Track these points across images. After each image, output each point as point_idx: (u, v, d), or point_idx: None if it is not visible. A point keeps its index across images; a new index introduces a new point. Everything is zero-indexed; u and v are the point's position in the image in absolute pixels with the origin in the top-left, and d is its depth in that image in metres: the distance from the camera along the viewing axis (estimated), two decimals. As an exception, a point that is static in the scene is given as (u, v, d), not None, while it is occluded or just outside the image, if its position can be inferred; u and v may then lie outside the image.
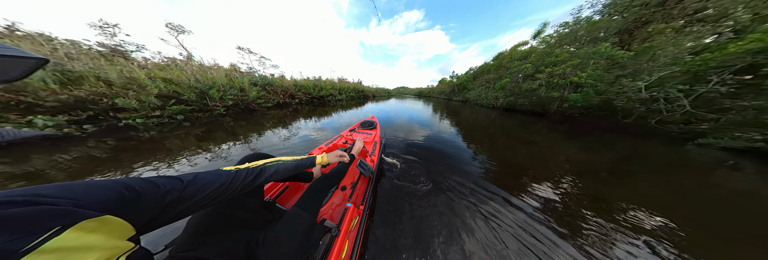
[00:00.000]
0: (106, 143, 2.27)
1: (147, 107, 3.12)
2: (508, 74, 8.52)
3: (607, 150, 2.64)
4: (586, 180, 1.58)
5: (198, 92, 4.00)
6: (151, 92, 3.27)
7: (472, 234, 0.92)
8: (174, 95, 3.63)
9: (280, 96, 6.24)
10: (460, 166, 1.72)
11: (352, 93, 11.48)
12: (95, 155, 1.87)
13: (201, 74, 4.46)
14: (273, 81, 6.46)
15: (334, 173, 0.72)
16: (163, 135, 2.60)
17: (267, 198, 0.80)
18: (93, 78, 2.87)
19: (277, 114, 4.58)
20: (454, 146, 2.39)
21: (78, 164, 1.65)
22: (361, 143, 1.05)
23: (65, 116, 2.43)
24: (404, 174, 1.45)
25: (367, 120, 2.04)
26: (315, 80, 9.24)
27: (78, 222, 0.19)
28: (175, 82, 3.82)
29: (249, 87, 5.18)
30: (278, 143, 2.24)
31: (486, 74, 13.52)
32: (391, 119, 4.31)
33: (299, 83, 7.57)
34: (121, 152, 1.96)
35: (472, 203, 1.15)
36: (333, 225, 0.61)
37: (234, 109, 4.61)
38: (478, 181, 1.43)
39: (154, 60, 4.93)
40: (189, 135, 2.60)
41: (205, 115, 3.95)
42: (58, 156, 1.84)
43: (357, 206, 0.72)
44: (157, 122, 3.20)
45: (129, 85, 3.17)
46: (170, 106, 3.38)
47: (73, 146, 2.11)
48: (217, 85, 4.41)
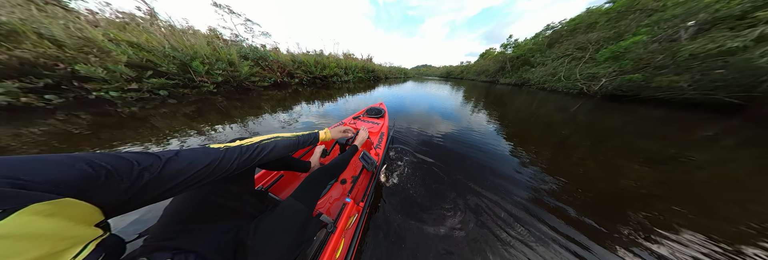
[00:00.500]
0: (80, 117, 1.97)
1: (119, 78, 2.65)
2: (650, 24, 4.34)
3: None
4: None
5: (178, 62, 3.40)
6: (118, 58, 2.73)
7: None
8: (149, 65, 3.07)
9: (276, 74, 5.55)
10: (505, 184, 1.13)
11: (360, 73, 9.81)
12: (70, 130, 1.62)
13: (176, 39, 3.69)
14: (266, 54, 5.60)
15: (336, 164, 0.66)
16: (147, 112, 2.29)
17: (259, 186, 0.74)
18: (33, 35, 2.27)
19: (276, 95, 4.13)
20: (495, 152, 1.60)
21: (54, 140, 1.43)
22: (365, 134, 0.91)
23: (15, 82, 2.02)
24: (413, 183, 1.06)
25: (374, 107, 1.77)
26: (316, 55, 7.91)
27: (26, 205, 0.16)
28: (146, 48, 3.17)
29: (239, 61, 4.48)
30: (278, 129, 2.02)
31: (582, 34, 7.89)
32: (406, 108, 3.44)
33: (298, 59, 6.60)
34: (101, 128, 1.71)
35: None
36: (329, 221, 0.57)
37: (225, 86, 4.10)
38: (542, 215, 0.88)
39: (105, 15, 3.93)
40: (177, 114, 2.30)
41: (192, 92, 3.49)
42: (24, 129, 1.58)
43: (357, 202, 0.67)
44: (136, 96, 2.80)
45: (86, 48, 2.59)
46: (147, 78, 2.90)
47: (39, 119, 1.82)
48: (200, 55, 3.76)
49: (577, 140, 2.04)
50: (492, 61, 17.01)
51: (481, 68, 20.85)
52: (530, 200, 1.02)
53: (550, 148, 1.77)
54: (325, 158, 1.04)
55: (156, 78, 2.97)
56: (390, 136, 1.48)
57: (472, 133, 2.12)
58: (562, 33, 9.74)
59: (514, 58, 12.85)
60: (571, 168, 1.39)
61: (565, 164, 1.45)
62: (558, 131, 2.33)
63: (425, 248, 0.72)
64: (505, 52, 15.60)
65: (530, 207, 0.96)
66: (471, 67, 30.23)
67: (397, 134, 1.87)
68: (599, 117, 3.23)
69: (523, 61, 11.71)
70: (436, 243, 0.74)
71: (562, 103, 4.47)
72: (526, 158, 1.52)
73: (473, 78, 22.87)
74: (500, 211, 0.92)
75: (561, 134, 2.21)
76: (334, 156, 1.14)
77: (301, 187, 0.52)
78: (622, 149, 1.84)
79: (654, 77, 3.94)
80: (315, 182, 0.55)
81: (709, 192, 1.23)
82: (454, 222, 0.84)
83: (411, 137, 1.85)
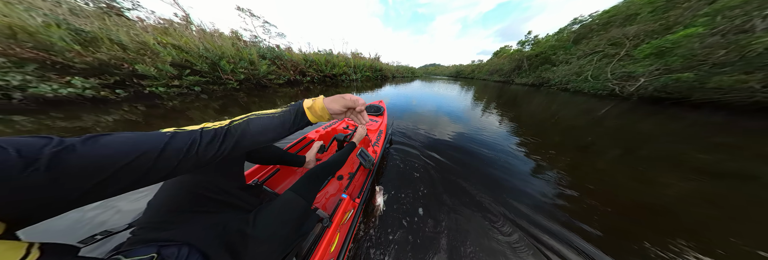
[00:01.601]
0: (138, 108, 2.44)
1: (165, 76, 3.16)
2: (711, 13, 3.58)
3: None
4: None
5: (209, 62, 3.89)
6: (165, 59, 3.23)
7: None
8: (187, 64, 3.58)
9: (290, 72, 5.95)
10: (515, 192, 1.07)
11: (368, 72, 10.00)
12: (130, 118, 2.04)
13: (207, 41, 4.20)
14: (282, 54, 6.02)
15: (335, 160, 0.67)
16: (185, 106, 2.72)
17: (254, 180, 0.74)
18: (107, 40, 2.83)
19: (289, 92, 4.48)
20: (505, 158, 1.47)
21: (120, 127, 1.83)
22: (363, 130, 0.94)
23: (96, 79, 2.57)
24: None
25: (374, 104, 1.78)
26: (326, 54, 8.31)
27: None
28: (185, 49, 3.68)
29: (258, 60, 4.92)
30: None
31: (618, 27, 7.00)
32: (412, 108, 3.35)
33: (309, 58, 6.97)
34: (152, 118, 2.11)
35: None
36: (325, 215, 0.58)
37: (246, 84, 4.56)
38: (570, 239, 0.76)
39: (149, 21, 4.60)
40: (207, 108, 2.69)
41: (219, 88, 3.98)
42: (102, 117, 2.04)
43: (353, 198, 0.68)
44: (177, 92, 3.31)
45: (142, 50, 3.12)
46: (186, 76, 3.40)
47: (112, 109, 2.31)
48: (226, 56, 4.22)
49: (604, 148, 1.80)
50: (507, 60, 15.76)
51: (495, 67, 19.48)
52: (539, 210, 0.92)
53: (570, 155, 1.59)
54: (324, 154, 1.05)
55: (192, 76, 3.46)
56: (389, 134, 1.46)
57: (481, 136, 1.98)
58: (593, 27, 8.54)
59: (533, 56, 11.74)
60: (593, 179, 1.22)
61: (586, 174, 1.27)
62: (581, 137, 2.09)
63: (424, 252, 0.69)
64: (522, 50, 14.30)
65: (538, 219, 0.87)
66: (483, 66, 28.52)
67: (401, 135, 1.83)
68: (633, 122, 2.87)
69: (542, 59, 10.54)
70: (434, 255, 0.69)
71: (587, 105, 4.13)
72: (540, 166, 1.37)
73: (485, 78, 21.58)
74: (505, 222, 0.85)
75: (584, 140, 1.98)
76: (331, 152, 1.15)
77: (300, 182, 0.52)
78: (662, 160, 1.57)
79: (712, 77, 3.30)
80: (314, 177, 0.56)
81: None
82: (455, 232, 0.78)
83: (416, 138, 1.78)
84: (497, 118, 2.79)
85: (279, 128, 0.33)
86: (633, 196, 1.09)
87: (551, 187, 1.14)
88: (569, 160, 1.51)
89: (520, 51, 14.35)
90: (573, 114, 3.27)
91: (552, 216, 0.91)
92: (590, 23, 9.05)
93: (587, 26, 9.05)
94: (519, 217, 0.89)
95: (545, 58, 10.42)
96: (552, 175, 1.27)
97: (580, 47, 8.15)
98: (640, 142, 2.05)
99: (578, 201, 1.02)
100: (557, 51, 9.64)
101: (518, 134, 2.11)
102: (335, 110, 0.36)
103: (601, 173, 1.34)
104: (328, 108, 0.35)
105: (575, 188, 1.11)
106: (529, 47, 13.54)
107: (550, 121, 2.77)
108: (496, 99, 4.87)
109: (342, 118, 0.39)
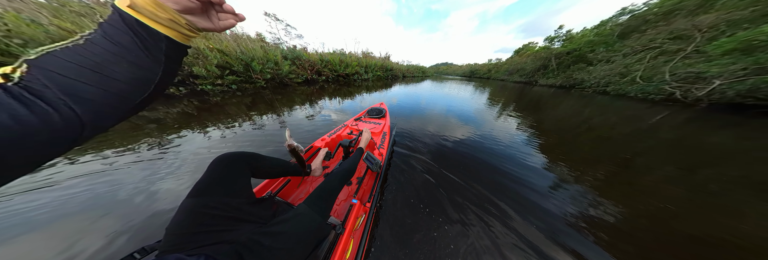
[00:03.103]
0: (193, 103, 3.07)
1: (211, 76, 3.84)
2: None
3: None
4: None
5: (243, 63, 4.52)
6: (212, 62, 3.90)
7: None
8: (227, 65, 4.24)
9: (307, 72, 6.45)
10: (530, 207, 0.95)
11: (378, 72, 10.30)
12: (188, 112, 2.60)
13: (242, 45, 4.87)
14: (300, 54, 6.54)
15: (349, 169, 0.66)
16: (225, 101, 3.28)
17: (268, 192, 0.74)
18: None
19: (306, 91, 4.91)
20: (522, 167, 1.34)
21: (182, 117, 2.36)
22: (368, 134, 0.94)
23: (166, 79, 3.32)
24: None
25: (375, 107, 1.82)
26: (340, 54, 8.77)
27: None
28: (226, 53, 4.35)
29: (281, 61, 5.47)
30: (303, 120, 2.52)
31: (684, 17, 5.64)
32: (422, 109, 3.32)
33: (325, 58, 7.39)
34: (202, 110, 2.64)
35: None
36: (338, 222, 0.58)
37: (271, 82, 5.17)
38: None
39: None
40: (241, 103, 3.20)
41: (250, 86, 4.62)
42: (170, 109, 2.65)
43: (363, 203, 0.68)
44: (220, 89, 4.00)
45: (196, 54, 3.83)
46: (226, 76, 4.05)
47: (176, 103, 2.96)
48: (256, 57, 4.83)
49: (654, 164, 1.48)
50: (530, 59, 13.85)
51: (515, 66, 17.44)
52: (557, 233, 0.78)
53: (605, 170, 1.35)
54: (329, 162, 1.03)
55: (231, 76, 4.11)
56: (393, 135, 1.47)
57: (495, 142, 1.82)
58: (648, 18, 6.84)
59: (564, 54, 10.10)
60: (637, 202, 1.00)
61: (629, 195, 1.06)
62: (622, 149, 1.76)
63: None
64: (550, 47, 12.56)
65: (555, 243, 0.74)
66: (501, 65, 25.82)
67: (407, 137, 1.81)
68: (700, 134, 2.36)
69: (575, 57, 9.00)
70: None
71: (632, 112, 3.49)
72: (564, 179, 1.20)
73: (503, 78, 19.38)
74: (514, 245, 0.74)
75: (626, 153, 1.67)
76: (337, 159, 1.14)
77: (316, 195, 0.51)
78: (742, 184, 1.25)
79: None
80: (329, 190, 0.54)
81: None
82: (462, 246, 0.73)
83: (422, 143, 1.72)
84: (515, 123, 2.52)
85: (126, 57, 0.19)
86: (697, 228, 0.84)
87: (576, 205, 0.96)
88: (604, 175, 1.27)
89: (548, 48, 12.66)
90: (612, 122, 2.76)
91: (578, 242, 0.74)
92: (645, 13, 7.18)
93: (640, 17, 7.25)
94: (535, 240, 0.77)
95: (579, 56, 8.91)
96: (577, 191, 1.08)
97: (628, 43, 6.68)
98: (711, 160, 1.64)
99: (614, 229, 0.82)
100: (596, 48, 8.18)
101: (540, 142, 1.88)
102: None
103: (649, 194, 1.09)
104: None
105: (610, 212, 0.91)
106: (560, 44, 11.89)
107: (581, 128, 2.41)
108: (517, 99, 4.46)
109: (209, 24, 0.23)
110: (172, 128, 1.97)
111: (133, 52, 0.19)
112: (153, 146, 1.53)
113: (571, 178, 1.25)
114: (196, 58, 3.79)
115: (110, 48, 0.18)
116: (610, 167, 1.43)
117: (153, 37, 0.20)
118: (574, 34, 12.00)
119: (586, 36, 9.90)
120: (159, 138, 1.69)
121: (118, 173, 1.19)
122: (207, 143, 1.66)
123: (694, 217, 0.92)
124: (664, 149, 1.86)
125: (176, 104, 2.94)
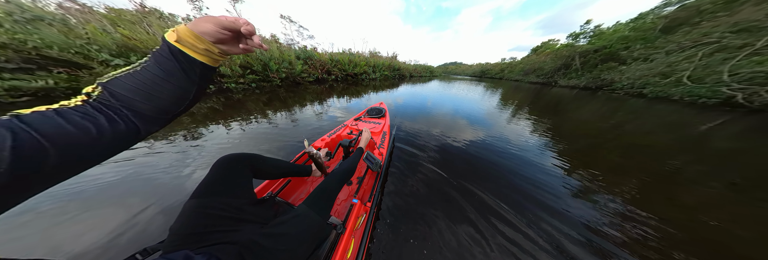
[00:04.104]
0: (220, 99, 3.45)
1: (235, 75, 4.25)
2: None
3: None
4: None
5: (262, 63, 4.90)
6: (236, 62, 4.32)
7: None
8: (248, 65, 4.65)
9: (318, 71, 6.75)
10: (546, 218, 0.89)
11: (386, 71, 10.45)
12: (215, 107, 2.94)
13: None
14: (312, 54, 6.85)
15: (348, 169, 0.67)
16: (246, 98, 3.63)
17: (269, 192, 0.74)
18: None
19: (316, 90, 5.18)
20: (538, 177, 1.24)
21: (210, 112, 2.70)
22: (368, 134, 0.95)
23: (198, 78, 3.77)
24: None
25: (375, 107, 1.82)
26: (349, 54, 9.00)
27: None
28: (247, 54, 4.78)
29: (295, 61, 5.81)
30: (312, 117, 2.71)
31: (755, 4, 4.96)
32: (428, 109, 3.26)
33: (335, 58, 7.64)
34: (227, 107, 2.97)
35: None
36: (338, 222, 0.58)
37: (285, 81, 5.53)
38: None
39: None
40: (258, 100, 3.52)
41: (267, 85, 5.01)
42: (201, 105, 3.02)
43: (364, 202, 0.68)
44: (241, 87, 4.41)
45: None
46: (247, 75, 4.45)
47: (206, 99, 3.36)
48: (273, 57, 5.20)
49: (707, 178, 1.29)
50: (550, 57, 12.86)
51: (532, 65, 16.09)
52: (579, 245, 0.72)
53: (638, 181, 1.19)
54: (330, 162, 1.03)
55: (251, 75, 4.51)
56: (393, 135, 1.47)
57: (507, 145, 1.73)
58: (704, 7, 5.63)
59: (591, 51, 8.95)
60: (688, 224, 0.85)
61: (676, 213, 0.92)
62: (661, 158, 1.54)
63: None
64: (574, 45, 11.54)
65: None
66: (516, 64, 23.77)
67: (412, 138, 1.78)
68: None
69: (605, 55, 7.95)
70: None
71: (676, 117, 3.02)
72: (587, 189, 1.08)
73: (517, 78, 17.90)
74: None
75: (667, 164, 1.47)
76: (337, 159, 1.15)
77: (315, 196, 0.51)
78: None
79: None
80: (328, 190, 0.55)
81: None
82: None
83: (427, 144, 1.67)
84: (531, 126, 2.31)
85: (170, 80, 0.24)
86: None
87: (607, 221, 0.85)
88: (637, 188, 1.12)
89: (572, 46, 11.49)
90: (648, 128, 2.42)
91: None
92: (699, 3, 5.95)
93: (693, 7, 6.05)
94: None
95: (609, 53, 7.85)
96: (603, 204, 0.97)
97: (674, 38, 5.68)
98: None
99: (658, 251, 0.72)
100: (632, 44, 7.06)
101: (559, 148, 1.72)
102: (209, 31, 0.24)
103: (702, 211, 0.94)
104: (198, 32, 0.24)
105: (651, 233, 0.79)
106: (585, 40, 10.94)
107: (609, 134, 2.13)
108: (534, 100, 4.16)
109: (238, 50, 0.28)
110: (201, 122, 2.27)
111: (176, 76, 0.25)
112: (187, 137, 1.80)
113: (595, 188, 1.13)
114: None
115: (159, 73, 0.24)
116: (645, 178, 1.25)
117: (191, 63, 0.25)
118: (603, 30, 10.74)
119: (620, 31, 8.83)
120: (191, 130, 1.97)
121: (152, 159, 1.34)
122: (226, 136, 1.83)
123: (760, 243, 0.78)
124: (718, 160, 1.61)
125: (207, 100, 3.33)
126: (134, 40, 3.26)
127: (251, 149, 1.59)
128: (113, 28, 3.43)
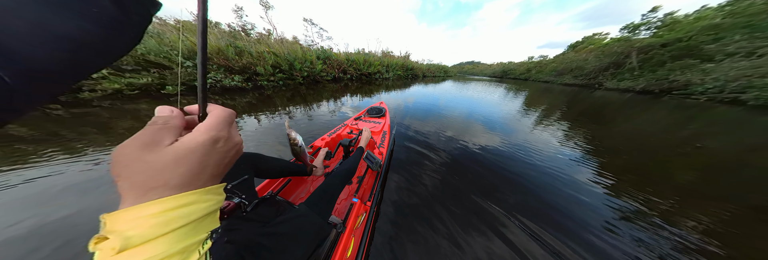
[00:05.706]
0: (255, 95, 4.13)
1: (267, 74, 4.96)
2: None
3: None
4: None
5: (288, 63, 5.55)
6: (268, 62, 5.02)
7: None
8: (277, 65, 5.34)
9: (335, 70, 7.23)
10: None
11: (399, 71, 10.62)
12: (251, 102, 3.57)
13: (288, 47, 5.98)
14: (330, 54, 7.32)
15: (349, 169, 0.67)
16: (275, 94, 4.25)
17: (269, 191, 0.74)
18: (247, 53, 4.81)
19: (332, 88, 5.64)
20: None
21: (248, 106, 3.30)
22: (368, 133, 0.96)
23: (240, 75, 4.52)
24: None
25: (375, 106, 1.83)
26: (364, 54, 9.34)
27: None
28: (278, 54, 5.46)
29: (315, 60, 6.36)
30: (326, 114, 3.06)
31: None
32: (439, 110, 3.16)
33: (351, 57, 8.04)
34: (259, 101, 3.57)
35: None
36: (338, 221, 0.58)
37: (307, 79, 6.14)
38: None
39: (253, 36, 6.74)
40: (284, 97, 4.08)
41: (292, 83, 5.67)
42: (242, 99, 3.70)
43: (364, 202, 0.68)
44: (272, 85, 5.12)
45: (259, 56, 5.01)
46: (276, 74, 5.14)
47: (246, 95, 4.07)
48: (297, 58, 5.83)
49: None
50: (593, 55, 10.65)
51: (568, 64, 13.65)
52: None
53: (720, 211, 0.93)
54: (330, 161, 1.03)
55: (279, 74, 5.18)
56: (393, 134, 1.47)
57: (532, 156, 1.53)
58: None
59: (657, 46, 7.11)
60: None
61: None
62: (757, 184, 1.20)
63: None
64: (630, 39, 9.63)
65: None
66: (547, 63, 20.20)
67: (417, 138, 1.74)
68: None
69: (679, 50, 6.32)
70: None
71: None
72: (639, 215, 0.90)
73: (548, 80, 15.40)
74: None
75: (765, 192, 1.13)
76: (337, 158, 1.15)
77: (316, 196, 0.51)
78: None
79: None
80: (330, 191, 0.54)
81: None
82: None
83: (434, 147, 1.60)
84: (563, 134, 1.87)
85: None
86: None
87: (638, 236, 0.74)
88: (718, 220, 0.88)
89: (627, 40, 9.32)
90: (747, 145, 1.88)
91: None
92: None
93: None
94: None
95: (686, 48, 6.22)
96: (663, 234, 0.80)
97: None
98: None
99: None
100: (726, 35, 5.46)
101: (603, 163, 1.42)
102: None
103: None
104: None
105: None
106: (650, 33, 8.78)
107: (677, 150, 1.66)
108: (570, 105, 3.53)
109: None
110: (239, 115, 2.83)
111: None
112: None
113: (653, 213, 0.91)
114: (258, 59, 4.97)
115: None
116: (731, 208, 0.95)
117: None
118: (678, 18, 8.50)
119: (706, 18, 6.86)
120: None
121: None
122: (258, 126, 2.18)
123: None
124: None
125: (246, 95, 4.04)
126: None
127: (266, 142, 1.59)
128: (185, 36, 4.39)
